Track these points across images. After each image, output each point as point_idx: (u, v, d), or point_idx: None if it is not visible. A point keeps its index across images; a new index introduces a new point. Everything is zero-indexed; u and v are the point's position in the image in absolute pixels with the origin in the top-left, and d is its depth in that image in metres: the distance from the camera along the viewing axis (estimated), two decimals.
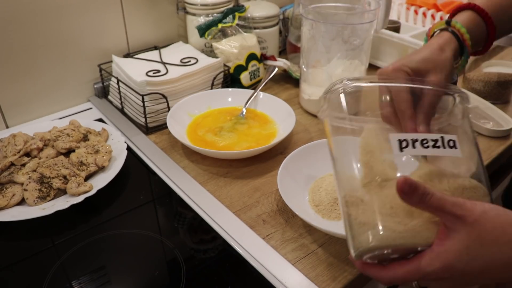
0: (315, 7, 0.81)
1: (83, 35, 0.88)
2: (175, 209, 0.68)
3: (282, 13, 1.09)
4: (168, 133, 0.80)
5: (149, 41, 0.99)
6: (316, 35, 0.81)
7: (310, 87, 0.87)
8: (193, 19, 0.96)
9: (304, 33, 0.83)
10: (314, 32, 0.81)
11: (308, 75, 0.87)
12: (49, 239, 0.62)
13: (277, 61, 1.00)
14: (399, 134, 0.46)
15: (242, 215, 0.64)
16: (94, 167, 0.70)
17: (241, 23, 0.98)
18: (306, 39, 0.83)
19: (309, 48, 0.84)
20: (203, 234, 0.62)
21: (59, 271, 0.56)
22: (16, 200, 0.64)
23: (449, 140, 0.45)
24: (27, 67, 0.83)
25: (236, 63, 0.92)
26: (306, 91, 0.88)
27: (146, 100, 0.80)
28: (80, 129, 0.77)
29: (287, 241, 0.59)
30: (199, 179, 0.71)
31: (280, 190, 0.61)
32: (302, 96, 0.90)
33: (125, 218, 0.65)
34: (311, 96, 0.87)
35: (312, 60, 0.85)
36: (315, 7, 0.81)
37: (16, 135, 0.73)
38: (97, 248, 0.60)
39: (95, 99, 0.94)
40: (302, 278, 0.54)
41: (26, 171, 0.68)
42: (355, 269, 0.55)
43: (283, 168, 0.65)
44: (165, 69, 0.85)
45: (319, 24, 0.79)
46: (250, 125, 0.82)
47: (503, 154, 0.79)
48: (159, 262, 0.59)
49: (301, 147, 0.70)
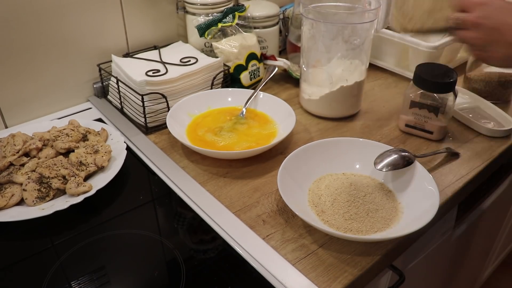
0: (315, 7, 0.81)
1: (83, 34, 0.88)
2: (174, 209, 0.68)
3: (282, 13, 1.09)
4: (168, 133, 0.80)
5: (148, 41, 0.98)
6: (316, 35, 0.81)
7: (310, 87, 0.87)
8: (192, 18, 0.96)
9: (304, 33, 0.83)
10: (314, 32, 0.81)
11: (308, 75, 0.87)
12: (48, 240, 0.62)
13: (277, 60, 1.00)
14: None
15: (242, 215, 0.64)
16: (93, 167, 0.69)
17: (241, 23, 0.98)
18: (306, 38, 0.83)
19: (309, 47, 0.83)
20: (203, 235, 0.62)
21: (58, 271, 0.56)
22: (15, 200, 0.64)
23: None
24: (26, 66, 0.83)
25: (236, 62, 0.92)
26: (306, 91, 0.88)
27: (145, 100, 0.80)
28: (80, 129, 0.77)
29: (287, 241, 0.59)
30: (199, 179, 0.71)
31: (280, 190, 0.61)
32: (302, 96, 0.89)
33: (124, 218, 0.65)
34: (311, 96, 0.87)
35: (312, 60, 0.84)
36: (315, 7, 0.81)
37: (15, 135, 0.73)
38: (96, 249, 0.60)
39: (95, 99, 0.94)
40: (302, 279, 0.54)
41: (25, 171, 0.67)
42: (356, 270, 0.55)
43: (283, 168, 0.65)
44: (165, 69, 0.85)
45: (319, 23, 0.79)
46: (250, 125, 0.82)
47: (504, 154, 0.79)
48: (159, 262, 0.58)
49: (301, 147, 0.70)
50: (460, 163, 0.75)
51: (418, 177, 0.65)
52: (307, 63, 0.86)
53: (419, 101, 0.78)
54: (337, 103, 0.85)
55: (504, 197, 1.14)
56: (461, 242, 1.05)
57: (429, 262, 0.91)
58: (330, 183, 0.67)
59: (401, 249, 0.64)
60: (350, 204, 0.62)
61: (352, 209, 0.62)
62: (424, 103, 0.78)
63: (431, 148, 0.78)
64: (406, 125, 0.82)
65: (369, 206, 0.62)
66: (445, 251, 0.97)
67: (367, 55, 0.83)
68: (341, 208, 0.62)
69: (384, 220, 0.60)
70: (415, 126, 0.81)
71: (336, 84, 0.83)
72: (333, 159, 0.70)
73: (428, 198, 0.61)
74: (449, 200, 0.68)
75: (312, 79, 0.86)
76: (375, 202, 0.63)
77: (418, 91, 0.78)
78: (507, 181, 1.09)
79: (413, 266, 0.83)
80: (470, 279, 1.43)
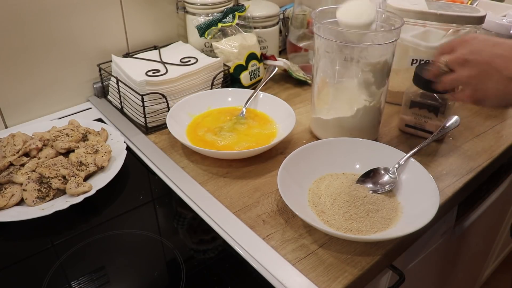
0: (327, 23, 0.75)
1: (83, 34, 0.88)
2: (174, 209, 0.68)
3: (282, 13, 1.09)
4: (168, 133, 0.80)
5: (148, 41, 0.98)
6: (328, 53, 0.73)
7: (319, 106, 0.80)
8: (192, 18, 0.96)
9: (316, 50, 0.75)
10: (326, 49, 0.73)
11: (319, 93, 0.79)
12: (48, 240, 0.62)
13: (277, 60, 1.00)
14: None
15: (242, 215, 0.64)
16: (93, 167, 0.69)
17: (241, 23, 0.98)
18: (318, 56, 0.75)
19: (320, 65, 0.76)
20: (203, 235, 0.62)
21: (58, 271, 0.56)
22: (15, 200, 0.64)
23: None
24: (26, 66, 0.83)
25: (236, 62, 0.92)
26: (316, 108, 0.81)
27: (145, 100, 0.80)
28: (80, 129, 0.77)
29: (287, 241, 0.59)
30: (199, 179, 0.71)
31: (280, 190, 0.61)
32: (312, 116, 0.82)
33: (124, 219, 0.65)
34: (317, 114, 0.81)
35: (321, 77, 0.77)
36: (327, 23, 0.75)
37: (15, 135, 0.73)
38: (96, 249, 0.60)
39: (95, 99, 0.94)
40: (302, 279, 0.54)
41: (25, 171, 0.67)
42: (356, 270, 0.55)
43: (283, 168, 0.65)
44: (165, 69, 0.85)
45: (332, 42, 0.71)
46: (250, 125, 0.82)
47: (504, 154, 0.79)
48: (159, 262, 0.58)
49: (301, 147, 0.70)
50: (460, 163, 0.75)
51: (418, 177, 0.65)
52: (317, 80, 0.77)
53: (419, 101, 0.78)
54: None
55: (504, 197, 1.14)
56: (461, 242, 1.05)
57: (429, 262, 0.91)
58: (330, 183, 0.67)
59: (401, 249, 0.64)
60: (350, 204, 0.62)
61: (352, 209, 0.62)
62: (424, 103, 0.78)
63: (431, 148, 0.78)
64: (406, 125, 0.82)
65: (369, 207, 0.62)
66: (445, 251, 0.97)
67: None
68: (341, 208, 0.62)
69: (384, 220, 0.60)
70: (415, 126, 0.81)
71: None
72: (333, 159, 0.70)
73: (428, 198, 0.61)
74: (449, 200, 0.68)
75: (322, 98, 0.78)
76: (375, 202, 0.63)
77: (418, 91, 0.78)
78: (507, 181, 1.09)
79: (413, 266, 0.83)
80: (470, 279, 1.43)
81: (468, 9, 0.83)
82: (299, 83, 1.00)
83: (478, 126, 0.86)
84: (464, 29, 0.81)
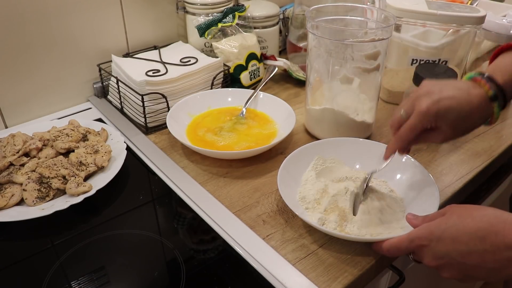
0: (321, 21, 0.75)
1: (83, 34, 0.88)
2: (174, 209, 0.68)
3: (282, 13, 1.09)
4: (168, 133, 0.80)
5: (148, 41, 0.98)
6: (323, 50, 0.74)
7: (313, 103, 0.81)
8: (192, 18, 0.96)
9: (310, 47, 0.76)
10: (320, 46, 0.74)
11: (313, 90, 0.80)
12: (48, 240, 0.62)
13: (277, 60, 1.00)
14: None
15: (242, 215, 0.64)
16: (93, 167, 0.69)
17: (241, 23, 0.98)
18: (313, 54, 0.76)
19: (315, 62, 0.77)
20: (203, 235, 0.62)
21: (58, 271, 0.56)
22: (15, 200, 0.64)
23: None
24: (26, 66, 0.83)
25: (236, 62, 0.92)
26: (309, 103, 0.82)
27: (145, 100, 0.80)
28: (80, 129, 0.77)
29: (287, 241, 0.59)
30: (199, 179, 0.71)
31: (280, 190, 0.61)
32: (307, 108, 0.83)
33: (124, 219, 0.65)
34: (311, 112, 0.82)
35: (316, 75, 0.78)
36: (321, 21, 0.75)
37: (15, 135, 0.73)
38: (96, 249, 0.60)
39: (95, 99, 0.94)
40: (302, 279, 0.54)
41: (25, 171, 0.67)
42: (356, 270, 0.55)
43: (283, 168, 0.65)
44: (165, 69, 0.85)
45: (326, 40, 0.72)
46: (250, 125, 0.82)
47: (504, 154, 0.79)
48: (159, 262, 0.58)
49: (301, 147, 0.70)
50: (460, 163, 0.75)
51: (418, 177, 0.65)
52: (312, 78, 0.79)
53: None
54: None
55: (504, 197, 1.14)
56: None
57: None
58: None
59: None
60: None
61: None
62: None
63: (431, 148, 0.78)
64: None
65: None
66: None
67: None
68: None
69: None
70: None
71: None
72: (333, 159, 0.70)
73: (428, 198, 0.61)
74: (449, 200, 0.68)
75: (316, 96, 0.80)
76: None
77: None
78: (507, 181, 1.09)
79: (413, 266, 0.82)
80: None
81: (468, 9, 0.83)
82: (299, 83, 1.00)
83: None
84: (464, 29, 0.81)
